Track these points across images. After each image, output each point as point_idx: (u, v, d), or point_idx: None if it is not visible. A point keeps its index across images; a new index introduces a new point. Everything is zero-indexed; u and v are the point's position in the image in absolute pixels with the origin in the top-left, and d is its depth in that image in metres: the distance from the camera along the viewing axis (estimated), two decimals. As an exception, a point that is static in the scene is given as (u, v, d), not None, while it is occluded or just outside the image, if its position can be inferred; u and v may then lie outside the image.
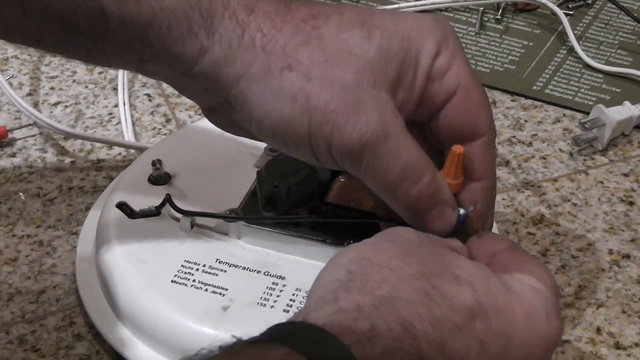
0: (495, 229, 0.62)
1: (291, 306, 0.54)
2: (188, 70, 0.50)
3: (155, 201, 0.59)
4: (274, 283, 0.56)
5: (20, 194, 0.67)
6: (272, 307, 0.54)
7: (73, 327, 0.58)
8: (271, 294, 0.55)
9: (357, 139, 0.48)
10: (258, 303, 0.54)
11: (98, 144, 0.71)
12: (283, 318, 0.53)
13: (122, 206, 0.58)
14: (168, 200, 0.58)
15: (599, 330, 0.58)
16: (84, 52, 0.51)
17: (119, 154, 0.70)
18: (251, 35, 0.48)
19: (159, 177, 0.62)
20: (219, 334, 0.53)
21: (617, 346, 0.57)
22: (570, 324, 0.58)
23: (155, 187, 0.61)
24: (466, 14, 0.84)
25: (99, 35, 0.49)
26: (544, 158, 0.70)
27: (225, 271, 0.56)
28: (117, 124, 0.73)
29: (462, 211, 0.51)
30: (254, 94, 0.49)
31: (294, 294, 0.55)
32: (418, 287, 0.43)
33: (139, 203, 0.59)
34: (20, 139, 0.72)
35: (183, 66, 0.49)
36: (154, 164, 0.61)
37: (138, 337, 0.55)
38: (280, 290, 0.55)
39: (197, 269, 0.57)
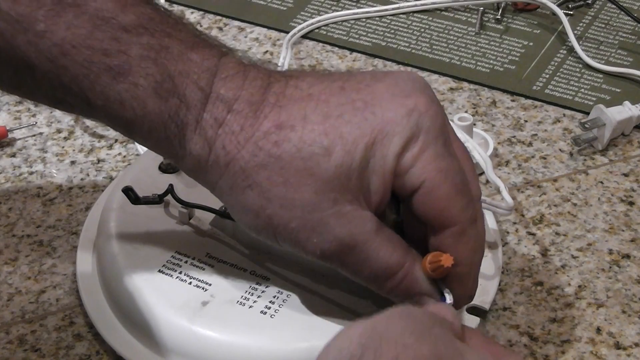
0: (495, 229, 0.62)
1: (269, 308, 0.54)
2: (173, 161, 0.52)
3: (162, 189, 0.59)
4: (257, 283, 0.56)
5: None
6: (250, 307, 0.54)
7: (73, 327, 0.58)
8: (252, 294, 0.55)
9: (322, 254, 0.50)
10: (238, 302, 0.55)
11: (98, 144, 0.71)
12: (259, 319, 0.54)
13: (128, 191, 0.59)
14: (170, 190, 0.59)
15: (599, 330, 0.58)
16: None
17: (119, 153, 0.70)
18: (216, 153, 0.50)
19: (169, 165, 0.62)
20: (193, 328, 0.53)
21: (617, 346, 0.57)
22: (570, 324, 0.58)
23: (164, 175, 0.62)
24: (466, 14, 0.84)
25: (89, 116, 0.53)
26: (544, 158, 0.70)
27: (212, 266, 0.57)
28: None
29: (448, 298, 0.50)
30: (225, 201, 0.52)
31: (274, 296, 0.55)
32: None
33: (146, 189, 0.59)
34: (20, 139, 0.72)
35: (168, 158, 0.52)
36: None
37: (122, 323, 0.56)
38: (262, 292, 0.55)
39: (186, 262, 0.57)
